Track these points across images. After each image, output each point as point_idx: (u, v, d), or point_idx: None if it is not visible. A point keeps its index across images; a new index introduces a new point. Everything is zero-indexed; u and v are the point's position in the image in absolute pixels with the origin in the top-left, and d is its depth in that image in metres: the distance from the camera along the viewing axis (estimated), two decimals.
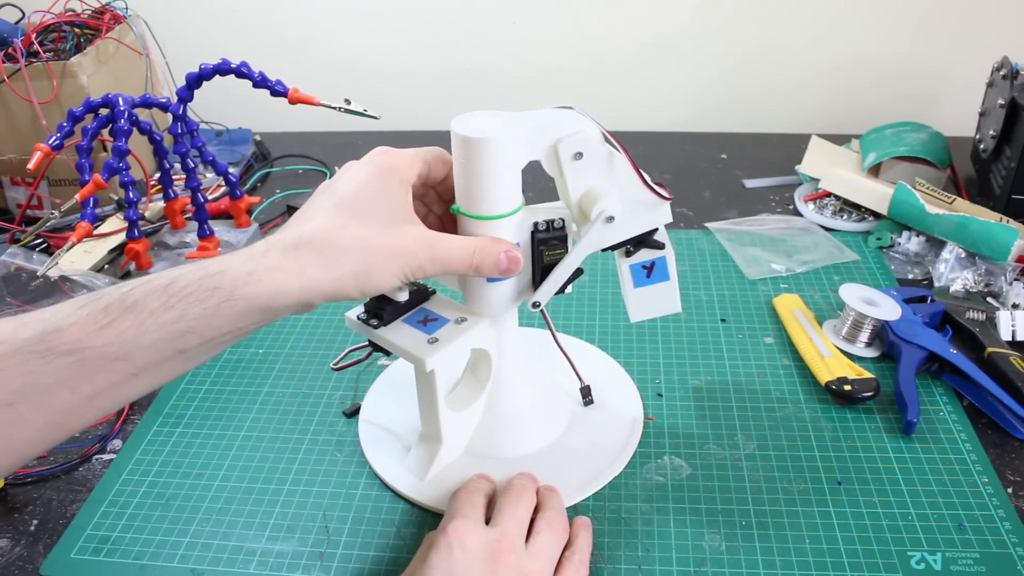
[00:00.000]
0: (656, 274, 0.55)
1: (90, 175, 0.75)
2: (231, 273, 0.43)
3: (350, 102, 0.79)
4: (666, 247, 0.54)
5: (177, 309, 0.42)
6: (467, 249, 0.48)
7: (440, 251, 0.47)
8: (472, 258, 0.48)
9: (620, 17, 1.15)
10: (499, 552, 0.47)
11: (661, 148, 1.11)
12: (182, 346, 0.43)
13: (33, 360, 0.40)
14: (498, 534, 0.48)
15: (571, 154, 0.48)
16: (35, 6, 0.96)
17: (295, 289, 0.44)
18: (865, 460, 0.59)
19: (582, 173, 0.49)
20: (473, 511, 0.51)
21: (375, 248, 0.45)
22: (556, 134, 0.48)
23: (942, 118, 1.06)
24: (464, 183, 0.49)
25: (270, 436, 0.64)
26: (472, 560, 0.46)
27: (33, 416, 0.41)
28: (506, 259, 0.49)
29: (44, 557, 0.55)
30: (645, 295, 0.56)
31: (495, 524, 0.50)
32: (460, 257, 0.48)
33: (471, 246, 0.49)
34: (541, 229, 0.51)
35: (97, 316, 0.41)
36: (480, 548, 0.47)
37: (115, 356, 0.41)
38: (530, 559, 0.48)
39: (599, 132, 0.49)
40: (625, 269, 0.55)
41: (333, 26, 1.20)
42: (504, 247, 0.49)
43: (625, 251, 0.54)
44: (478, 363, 0.59)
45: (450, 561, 0.46)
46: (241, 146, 1.10)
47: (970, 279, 0.78)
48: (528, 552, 0.48)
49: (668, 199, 0.51)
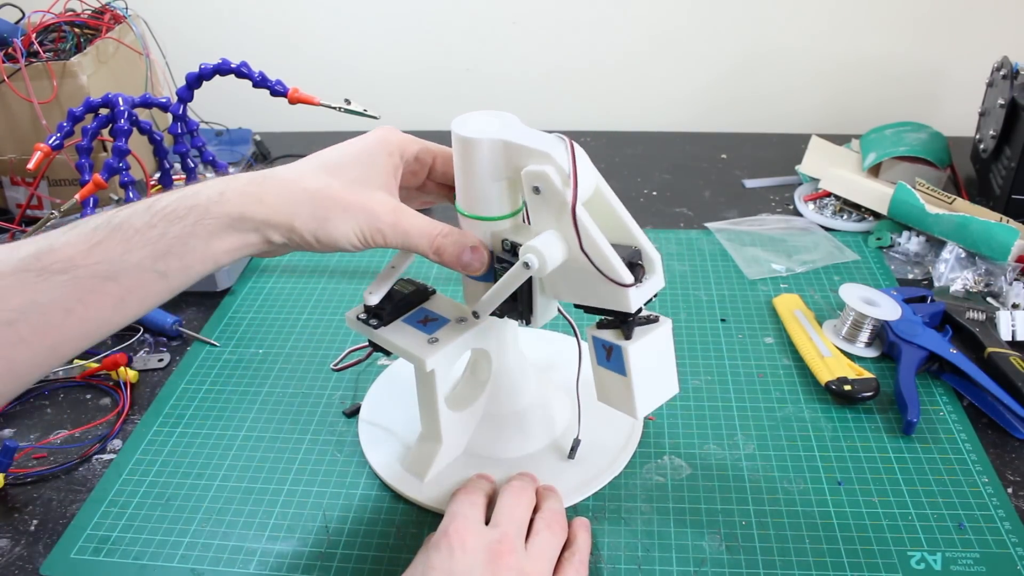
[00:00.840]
0: (614, 362, 0.49)
1: (90, 175, 0.75)
2: (205, 192, 0.45)
3: (350, 102, 0.79)
4: (633, 341, 0.47)
5: (159, 228, 0.43)
6: (433, 229, 0.48)
7: (405, 222, 0.47)
8: (435, 240, 0.48)
9: (620, 17, 1.15)
10: (499, 553, 0.47)
11: (661, 148, 1.11)
12: (163, 268, 0.44)
13: (30, 278, 0.41)
14: (498, 535, 0.48)
15: (530, 186, 0.46)
16: (35, 6, 0.96)
17: (256, 213, 0.45)
18: (865, 460, 0.59)
19: (540, 209, 0.47)
20: (473, 511, 0.50)
21: (339, 199, 0.46)
22: (524, 160, 0.46)
23: (942, 118, 1.06)
24: (460, 181, 0.49)
25: (270, 436, 0.64)
26: (472, 561, 0.46)
27: (31, 337, 0.41)
28: (470, 254, 0.49)
29: (44, 557, 0.55)
30: (605, 378, 0.51)
31: (495, 524, 0.50)
32: (424, 232, 0.48)
33: (438, 228, 0.48)
34: (506, 248, 0.49)
35: (87, 235, 0.43)
36: (480, 549, 0.47)
37: (105, 275, 0.42)
38: (530, 560, 0.48)
39: (563, 175, 0.44)
40: (589, 339, 0.50)
41: (333, 26, 1.20)
42: (472, 242, 0.49)
43: (600, 321, 0.50)
44: (478, 363, 0.59)
45: (451, 562, 0.46)
46: (241, 146, 1.10)
47: (970, 279, 0.78)
48: (528, 553, 0.48)
49: (621, 284, 0.45)
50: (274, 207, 0.46)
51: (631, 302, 0.46)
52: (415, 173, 0.53)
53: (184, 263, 0.44)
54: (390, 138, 0.50)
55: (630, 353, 0.48)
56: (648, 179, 1.03)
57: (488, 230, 0.50)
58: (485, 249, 0.49)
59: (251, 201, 0.45)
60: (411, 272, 0.58)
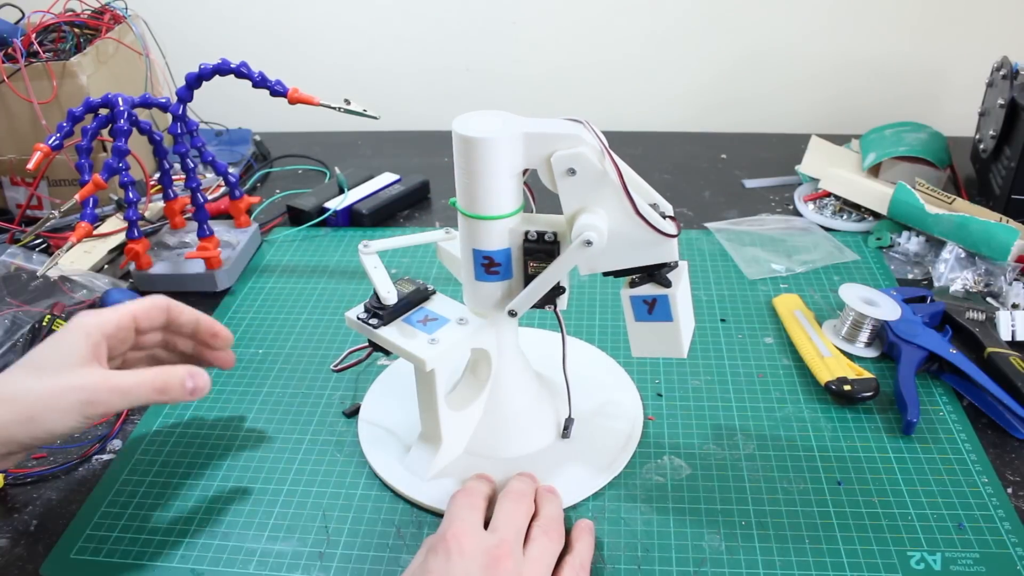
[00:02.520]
0: (658, 312, 0.51)
1: (90, 175, 0.75)
2: None
3: (350, 102, 0.79)
4: (673, 287, 0.51)
5: None
6: (148, 375, 0.51)
7: (116, 381, 0.51)
8: (154, 381, 0.51)
9: (620, 16, 1.15)
10: (497, 558, 0.47)
11: (661, 148, 1.11)
12: None
13: None
14: (496, 540, 0.48)
15: (564, 169, 0.47)
16: (35, 6, 0.96)
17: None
18: (865, 460, 0.59)
19: (575, 190, 0.48)
20: (472, 515, 0.50)
21: (37, 396, 0.49)
22: (552, 146, 0.47)
23: (942, 118, 1.06)
24: (461, 181, 0.49)
25: (270, 436, 0.64)
26: (470, 566, 0.46)
27: None
28: (191, 381, 0.52)
29: (44, 557, 0.55)
30: (646, 331, 0.53)
31: (494, 529, 0.49)
32: (141, 382, 0.51)
33: (151, 373, 0.52)
34: (531, 239, 0.51)
35: None
36: (479, 553, 0.47)
37: None
38: (528, 564, 0.48)
39: (597, 152, 0.47)
40: (625, 299, 0.52)
41: (333, 26, 1.20)
42: (188, 370, 0.53)
43: (630, 281, 0.52)
44: (478, 363, 0.59)
45: (448, 565, 0.46)
46: (241, 146, 1.10)
47: (970, 279, 0.78)
48: (525, 558, 0.48)
49: (670, 235, 0.48)
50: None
51: (675, 250, 0.49)
52: (123, 340, 0.56)
53: None
54: (83, 321, 0.53)
55: (676, 298, 0.51)
56: (648, 179, 1.00)
57: (505, 227, 0.50)
58: (200, 372, 0.53)
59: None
60: (410, 272, 0.58)
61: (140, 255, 0.81)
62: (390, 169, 1.02)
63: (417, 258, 0.85)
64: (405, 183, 0.98)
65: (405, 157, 1.11)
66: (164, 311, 0.58)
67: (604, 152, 0.47)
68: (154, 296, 0.58)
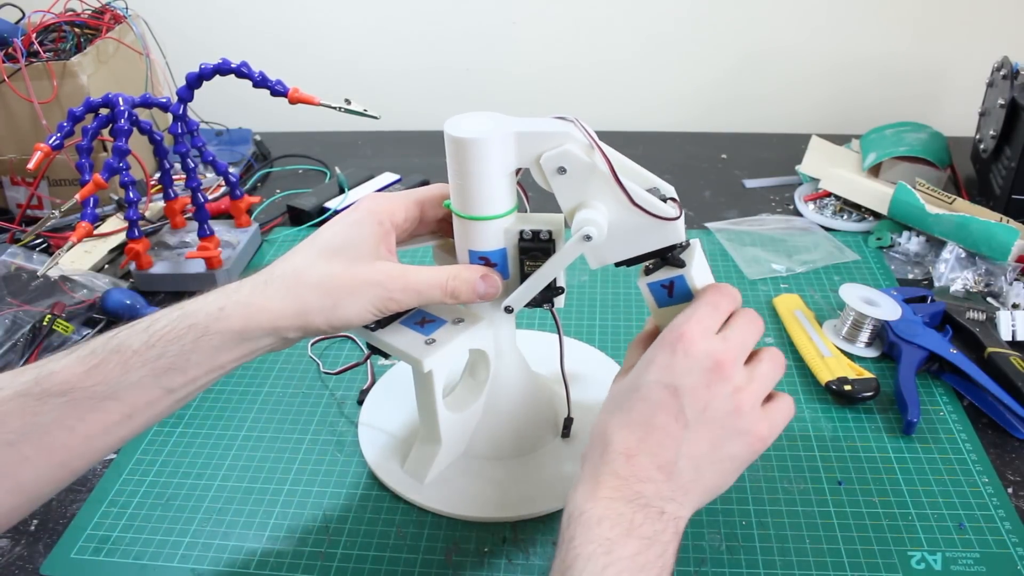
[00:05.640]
0: (678, 293, 0.51)
1: (90, 175, 0.75)
2: (205, 310, 0.46)
3: (350, 102, 0.79)
4: (687, 266, 0.50)
5: (157, 348, 0.45)
6: (440, 276, 0.50)
7: (412, 281, 0.49)
8: (446, 284, 0.50)
9: (620, 17, 1.15)
10: (722, 364, 0.46)
11: (661, 148, 1.11)
12: (168, 384, 0.45)
13: (30, 401, 0.43)
14: (724, 347, 0.47)
15: (554, 169, 0.48)
16: (35, 6, 0.96)
17: (264, 322, 0.47)
18: (865, 460, 0.59)
19: (568, 188, 0.48)
20: (714, 316, 0.48)
21: (343, 283, 0.48)
22: (540, 147, 0.48)
23: (942, 118, 1.06)
24: (454, 182, 0.49)
25: (270, 436, 0.64)
26: (693, 365, 0.46)
27: (34, 455, 0.43)
28: (483, 284, 0.51)
29: (44, 557, 0.55)
30: (671, 317, 0.52)
31: (725, 338, 0.47)
32: (434, 283, 0.50)
33: (445, 273, 0.50)
34: (526, 238, 0.51)
35: (84, 358, 0.44)
36: (705, 355, 0.46)
37: (104, 395, 0.44)
38: (750, 381, 0.47)
39: (585, 147, 0.47)
40: (643, 288, 0.52)
41: (333, 26, 1.20)
42: (480, 272, 0.51)
43: (645, 269, 0.52)
44: (476, 364, 0.59)
45: (672, 360, 0.46)
46: (241, 146, 1.10)
47: (970, 279, 0.78)
48: (748, 374, 0.47)
49: (670, 219, 0.48)
50: (281, 310, 0.47)
51: (680, 231, 0.49)
52: (406, 230, 0.54)
53: (189, 377, 0.46)
54: (374, 207, 0.51)
55: (692, 275, 0.50)
56: None
57: (500, 227, 0.50)
58: (493, 272, 0.51)
59: (256, 311, 0.47)
60: None
61: (140, 255, 0.81)
62: (390, 169, 1.02)
63: (417, 259, 0.85)
64: (405, 183, 0.99)
65: (405, 157, 1.11)
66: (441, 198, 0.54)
67: (593, 146, 0.47)
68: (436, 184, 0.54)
